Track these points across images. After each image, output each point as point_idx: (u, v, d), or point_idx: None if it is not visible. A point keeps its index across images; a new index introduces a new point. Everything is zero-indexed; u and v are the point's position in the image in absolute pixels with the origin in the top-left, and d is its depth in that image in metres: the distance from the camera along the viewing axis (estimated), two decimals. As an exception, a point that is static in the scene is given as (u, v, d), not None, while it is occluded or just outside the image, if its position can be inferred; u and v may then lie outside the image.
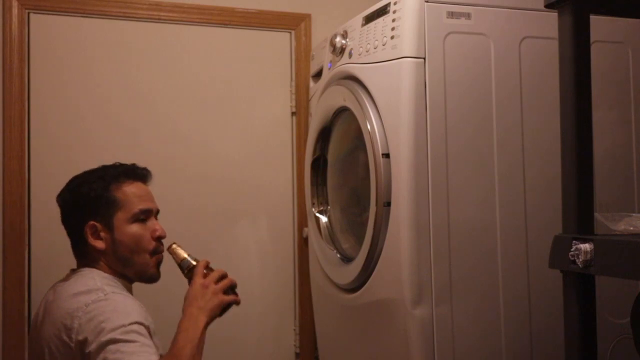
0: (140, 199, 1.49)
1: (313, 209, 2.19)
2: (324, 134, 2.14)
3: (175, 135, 2.37)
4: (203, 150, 2.38)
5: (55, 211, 2.23)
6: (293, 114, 2.54)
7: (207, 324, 1.37)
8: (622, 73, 1.83)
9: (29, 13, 2.23)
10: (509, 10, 1.72)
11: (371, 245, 1.71)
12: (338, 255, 2.03)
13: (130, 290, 1.51)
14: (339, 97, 1.92)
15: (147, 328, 1.31)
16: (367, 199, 1.74)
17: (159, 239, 1.51)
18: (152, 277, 1.51)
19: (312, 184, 2.21)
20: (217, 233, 2.43)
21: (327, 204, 2.18)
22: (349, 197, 2.12)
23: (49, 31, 2.26)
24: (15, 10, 2.19)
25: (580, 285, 1.08)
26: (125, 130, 2.32)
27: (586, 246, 1.02)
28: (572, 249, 1.04)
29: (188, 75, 2.41)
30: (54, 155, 2.24)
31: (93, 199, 1.46)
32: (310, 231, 2.22)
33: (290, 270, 2.53)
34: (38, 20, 2.24)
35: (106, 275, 1.44)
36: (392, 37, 1.67)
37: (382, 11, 1.74)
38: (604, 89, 1.74)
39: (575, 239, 1.05)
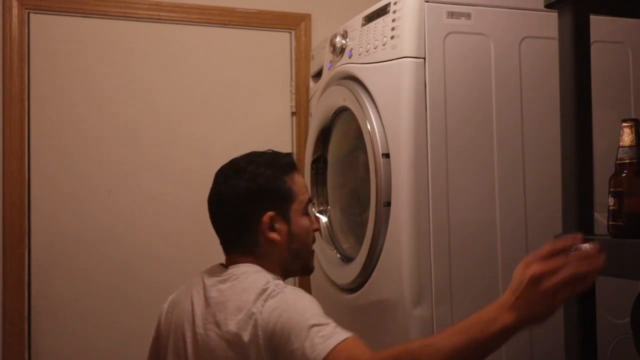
0: (305, 189, 1.44)
1: (313, 209, 2.19)
2: (324, 134, 2.14)
3: (175, 135, 2.37)
4: (203, 150, 2.38)
5: (56, 211, 2.25)
6: (293, 114, 2.54)
7: (512, 329, 0.97)
8: (622, 73, 1.83)
9: (29, 13, 2.23)
10: (509, 10, 1.72)
11: (371, 245, 1.71)
12: (338, 255, 2.03)
13: None
14: (339, 97, 1.92)
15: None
16: (367, 199, 1.74)
17: (315, 231, 1.44)
18: (312, 269, 1.46)
19: (312, 184, 2.20)
20: (217, 233, 2.43)
21: (327, 204, 2.18)
22: (349, 197, 2.12)
23: (49, 31, 2.26)
24: (15, 10, 2.19)
25: (580, 285, 1.08)
26: (125, 130, 2.32)
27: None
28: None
29: (188, 75, 2.41)
30: (54, 155, 2.24)
31: (271, 189, 1.38)
32: (310, 231, 2.22)
33: (290, 270, 2.52)
34: (38, 20, 2.24)
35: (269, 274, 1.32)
36: (392, 37, 1.67)
37: (382, 11, 1.74)
38: (604, 89, 1.73)
39: (576, 239, 1.04)
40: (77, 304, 2.24)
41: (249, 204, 1.37)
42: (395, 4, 1.68)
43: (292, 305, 1.19)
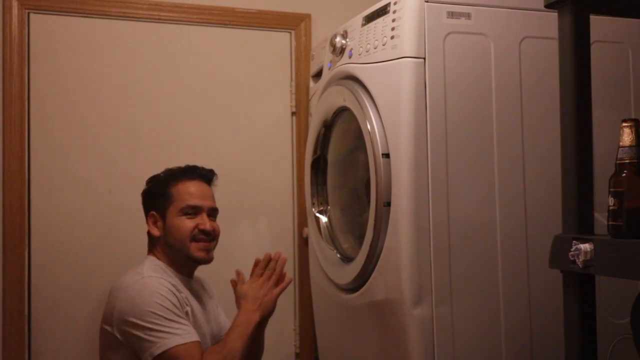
0: (192, 196, 1.73)
1: (313, 209, 2.19)
2: (324, 134, 2.14)
3: (175, 135, 2.37)
4: (203, 150, 2.38)
5: (56, 211, 2.25)
6: (293, 114, 2.54)
7: (261, 321, 1.64)
8: (622, 73, 1.83)
9: (29, 13, 2.23)
10: (509, 10, 1.72)
11: (371, 245, 1.71)
12: (338, 255, 2.03)
13: (185, 282, 1.71)
14: (339, 97, 1.92)
15: (175, 309, 1.56)
16: (367, 199, 1.74)
17: (202, 231, 1.70)
18: (197, 259, 1.72)
19: (312, 184, 2.20)
20: (217, 233, 2.42)
21: (327, 204, 2.18)
22: (349, 197, 2.12)
23: (49, 31, 2.25)
24: (15, 10, 2.19)
25: (580, 285, 1.09)
26: (125, 130, 2.32)
27: (586, 246, 1.02)
28: (572, 249, 1.04)
29: (188, 75, 2.41)
30: (54, 155, 2.24)
31: (155, 193, 1.76)
32: (310, 231, 2.22)
33: (290, 270, 2.52)
34: (38, 20, 2.24)
35: (158, 263, 1.70)
36: (392, 37, 1.67)
37: (382, 11, 1.74)
38: (604, 89, 1.74)
39: (575, 239, 1.05)
40: (77, 304, 2.24)
41: (143, 205, 1.80)
42: (395, 4, 1.68)
43: (130, 300, 1.59)
